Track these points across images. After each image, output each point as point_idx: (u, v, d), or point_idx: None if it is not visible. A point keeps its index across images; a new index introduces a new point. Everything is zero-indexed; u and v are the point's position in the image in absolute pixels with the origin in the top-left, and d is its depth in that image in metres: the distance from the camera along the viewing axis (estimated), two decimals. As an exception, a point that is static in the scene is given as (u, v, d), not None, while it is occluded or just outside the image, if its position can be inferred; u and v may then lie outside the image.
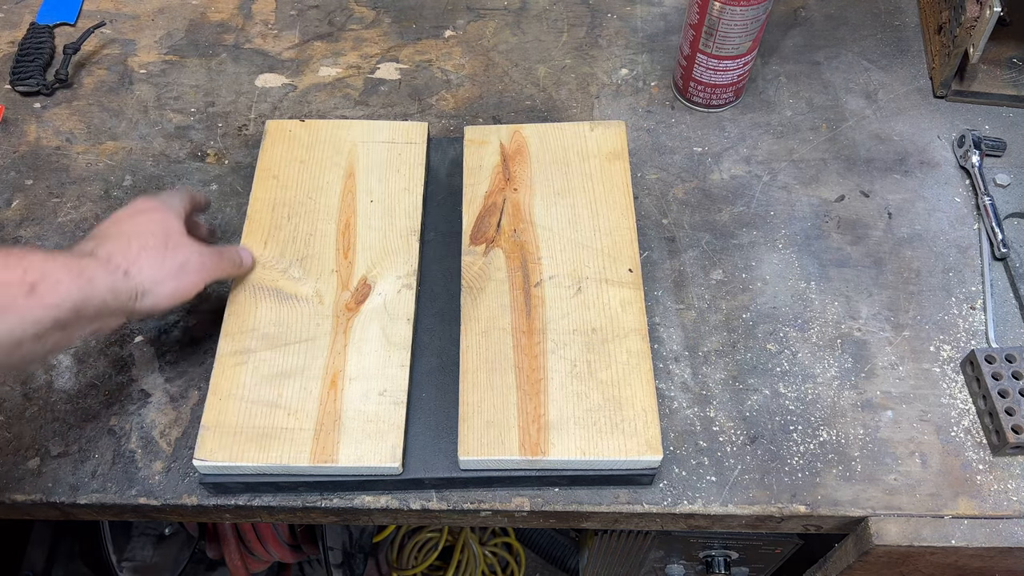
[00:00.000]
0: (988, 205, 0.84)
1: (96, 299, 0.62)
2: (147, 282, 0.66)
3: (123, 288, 0.64)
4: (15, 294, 0.58)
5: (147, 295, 0.66)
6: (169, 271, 0.67)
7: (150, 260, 0.66)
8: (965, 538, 0.68)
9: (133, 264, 0.65)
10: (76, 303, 0.61)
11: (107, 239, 0.66)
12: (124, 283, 0.64)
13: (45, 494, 0.70)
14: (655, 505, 0.70)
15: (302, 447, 0.67)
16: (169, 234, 0.69)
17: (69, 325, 0.61)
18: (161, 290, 0.66)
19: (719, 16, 0.83)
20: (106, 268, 0.64)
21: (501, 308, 0.73)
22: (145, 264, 0.66)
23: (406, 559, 1.45)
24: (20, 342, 0.58)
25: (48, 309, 0.59)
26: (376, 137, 0.84)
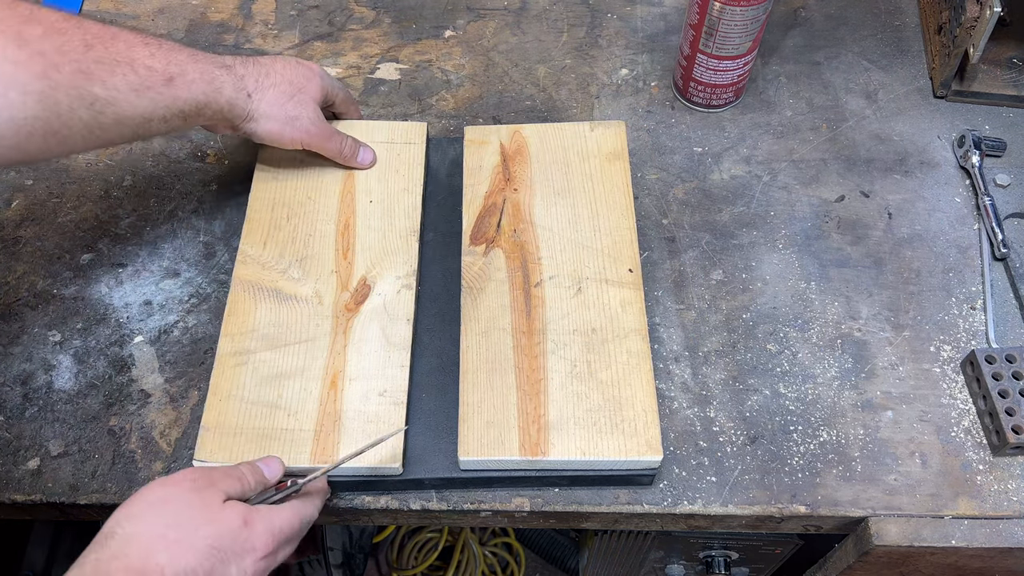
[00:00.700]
0: (988, 205, 0.84)
1: (217, 105, 0.72)
2: (260, 112, 0.75)
3: (241, 105, 0.73)
4: (156, 80, 0.67)
5: (254, 121, 0.75)
6: (282, 116, 0.76)
7: (273, 97, 0.75)
8: (965, 538, 0.68)
9: (257, 91, 0.74)
10: (200, 103, 0.70)
11: (252, 63, 0.75)
12: (244, 102, 0.74)
13: (45, 494, 0.70)
14: (655, 505, 0.70)
15: (302, 448, 0.67)
16: (302, 90, 0.77)
17: (190, 117, 0.71)
18: (266, 125, 0.75)
19: (719, 16, 0.83)
20: (235, 84, 0.73)
21: (501, 308, 0.73)
22: (267, 98, 0.75)
23: (406, 559, 1.45)
24: (150, 119, 0.68)
25: (178, 101, 0.69)
26: (375, 137, 0.84)
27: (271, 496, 0.61)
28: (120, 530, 0.54)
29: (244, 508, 0.57)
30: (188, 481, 0.57)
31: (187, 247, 0.83)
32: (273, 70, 0.76)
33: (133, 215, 0.85)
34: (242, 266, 0.76)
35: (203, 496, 0.56)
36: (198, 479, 0.57)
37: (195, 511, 0.55)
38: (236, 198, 0.86)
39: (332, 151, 0.80)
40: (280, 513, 0.59)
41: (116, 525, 0.54)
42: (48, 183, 0.87)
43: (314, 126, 0.78)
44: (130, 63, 0.66)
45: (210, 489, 0.57)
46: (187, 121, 0.71)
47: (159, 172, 0.88)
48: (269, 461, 0.63)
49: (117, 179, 0.88)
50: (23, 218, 0.85)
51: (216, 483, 0.57)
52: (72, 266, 0.82)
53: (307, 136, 0.78)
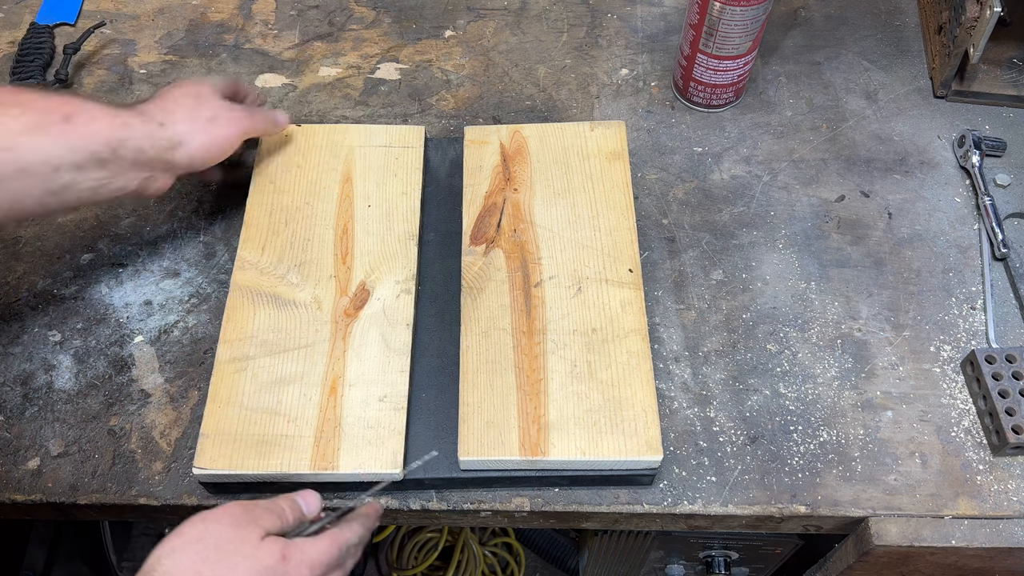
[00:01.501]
0: (988, 205, 0.84)
1: (132, 142, 0.67)
2: (181, 133, 0.71)
3: (159, 136, 0.69)
4: (52, 120, 0.64)
5: (182, 146, 0.71)
6: (201, 123, 0.72)
7: (183, 114, 0.72)
8: (965, 538, 0.68)
9: (167, 117, 0.71)
10: (111, 141, 0.66)
11: (143, 103, 0.72)
12: (159, 131, 0.69)
13: (45, 494, 0.70)
14: (655, 505, 0.70)
15: (302, 454, 0.67)
16: (200, 95, 0.74)
17: (108, 163, 0.66)
18: (195, 140, 0.71)
19: (719, 16, 0.83)
20: (141, 118, 0.69)
21: (501, 308, 0.73)
22: (178, 117, 0.71)
23: (406, 559, 1.45)
24: (58, 167, 0.64)
25: (83, 138, 0.65)
26: (373, 141, 0.84)
27: (307, 529, 0.61)
28: (160, 567, 0.54)
29: (282, 543, 0.57)
30: (229, 517, 0.57)
31: (187, 247, 0.83)
32: (166, 95, 0.73)
33: (133, 215, 0.85)
34: (240, 272, 0.76)
35: (242, 533, 0.56)
36: (238, 516, 0.57)
37: (233, 547, 0.55)
38: (236, 198, 0.86)
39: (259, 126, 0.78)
40: (317, 545, 0.59)
41: (156, 562, 0.55)
42: (48, 183, 0.87)
43: (234, 112, 0.75)
44: (20, 104, 0.64)
45: (250, 526, 0.57)
46: (107, 169, 0.67)
47: (159, 172, 0.88)
48: (307, 496, 0.63)
49: (117, 179, 0.88)
50: (23, 218, 0.85)
51: (256, 520, 0.58)
52: (72, 266, 0.82)
53: (235, 124, 0.75)
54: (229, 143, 0.74)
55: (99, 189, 0.67)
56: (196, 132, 0.72)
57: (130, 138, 0.68)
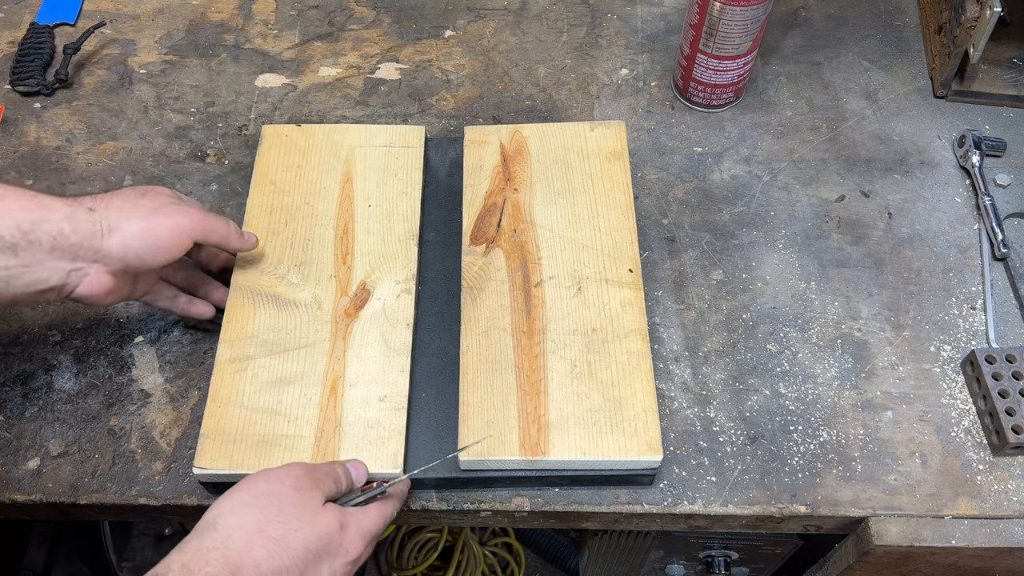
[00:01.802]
0: (988, 205, 0.84)
1: (49, 225, 0.60)
2: (114, 218, 0.63)
3: (83, 219, 0.62)
4: None
5: (115, 231, 0.63)
6: (141, 211, 0.64)
7: (120, 201, 0.64)
8: (965, 538, 0.68)
9: (100, 203, 0.63)
10: (22, 224, 0.59)
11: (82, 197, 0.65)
12: (86, 216, 0.62)
13: (45, 494, 0.70)
14: (655, 505, 0.70)
15: (303, 454, 0.67)
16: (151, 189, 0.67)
17: (18, 248, 0.59)
18: (131, 227, 0.63)
19: (719, 16, 0.83)
20: (67, 201, 0.62)
21: (501, 308, 0.73)
22: (114, 204, 0.64)
23: (406, 559, 1.45)
24: None
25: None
26: (373, 141, 0.84)
27: (357, 497, 0.62)
28: (223, 521, 0.55)
29: (340, 512, 0.58)
30: (292, 478, 0.57)
31: (187, 247, 0.83)
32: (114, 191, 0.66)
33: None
34: (240, 272, 0.76)
35: (304, 498, 0.57)
36: (301, 478, 0.58)
37: (296, 511, 0.56)
38: (236, 198, 0.86)
39: (219, 225, 0.69)
40: (369, 516, 0.60)
41: (219, 516, 0.55)
42: (48, 183, 0.87)
43: (186, 205, 0.67)
44: None
45: (312, 491, 0.57)
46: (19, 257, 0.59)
47: (159, 172, 0.88)
48: (356, 465, 0.64)
49: (117, 179, 0.88)
50: (23, 218, 0.85)
51: (318, 484, 0.58)
52: (72, 266, 0.82)
53: (186, 218, 0.65)
54: (174, 236, 0.65)
55: (12, 280, 0.60)
56: (132, 219, 0.63)
57: (46, 219, 0.60)
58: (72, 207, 0.62)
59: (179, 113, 0.93)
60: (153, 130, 0.92)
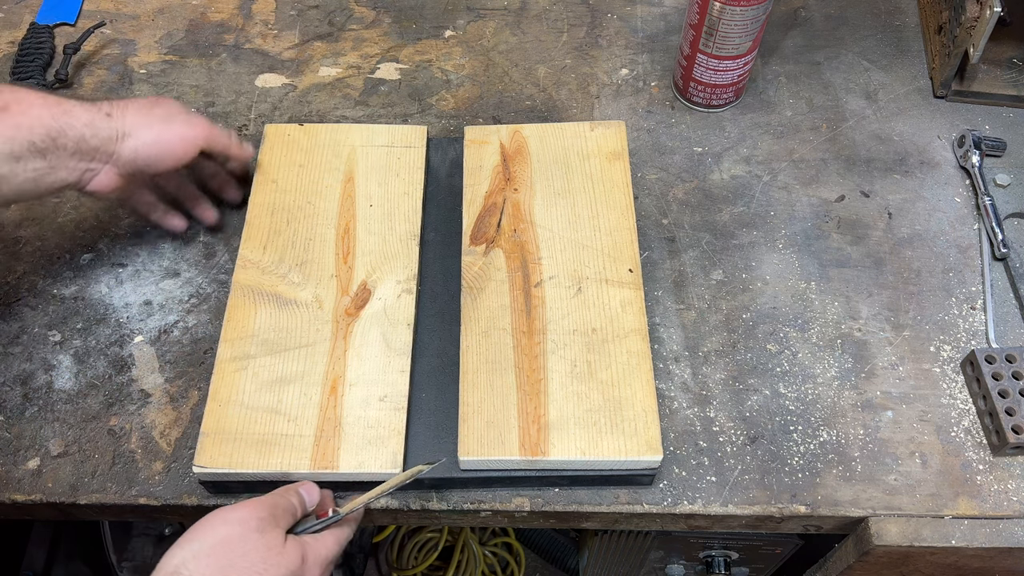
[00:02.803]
0: (988, 205, 0.84)
1: (72, 130, 0.65)
2: (129, 125, 0.68)
3: (103, 125, 0.67)
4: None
5: (129, 137, 0.68)
6: (153, 120, 0.69)
7: (135, 109, 0.70)
8: (965, 538, 0.68)
9: (117, 109, 0.69)
10: (50, 129, 0.64)
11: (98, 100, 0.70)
12: (104, 121, 0.67)
13: (45, 494, 0.70)
14: (655, 505, 0.70)
15: (302, 454, 0.67)
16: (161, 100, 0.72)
17: (48, 152, 0.65)
18: (144, 134, 0.69)
19: (719, 16, 0.83)
20: (86, 107, 0.67)
21: (501, 308, 0.73)
22: (130, 111, 0.69)
23: (406, 559, 1.45)
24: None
25: (20, 129, 0.63)
26: (375, 141, 0.84)
27: (314, 525, 0.62)
28: (185, 571, 0.54)
29: (301, 545, 0.59)
30: (255, 520, 0.57)
31: (187, 247, 0.83)
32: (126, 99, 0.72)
33: (133, 215, 0.85)
34: (241, 271, 0.76)
35: (268, 539, 0.57)
36: (264, 520, 0.57)
37: (261, 554, 0.56)
38: (236, 198, 0.86)
39: (223, 137, 0.76)
40: (326, 543, 0.61)
41: (181, 565, 0.54)
42: (48, 183, 0.87)
43: (194, 118, 0.73)
44: None
45: (275, 530, 0.58)
46: (47, 160, 0.65)
47: (159, 172, 0.88)
48: (309, 488, 0.63)
49: (117, 179, 0.88)
50: (23, 218, 0.85)
51: (278, 522, 0.58)
52: (72, 266, 0.82)
53: (192, 129, 0.72)
54: (183, 145, 0.71)
55: (39, 180, 0.66)
56: (147, 125, 0.70)
57: (70, 126, 0.66)
58: (92, 113, 0.67)
59: (179, 113, 0.93)
60: (153, 130, 0.91)
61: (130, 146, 0.69)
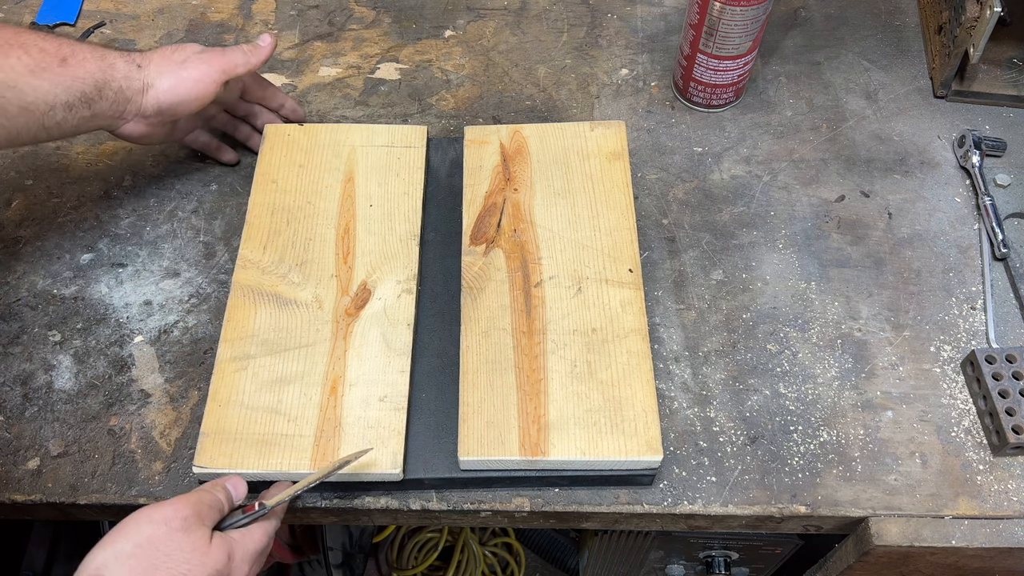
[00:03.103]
0: (988, 205, 0.84)
1: (115, 82, 0.72)
2: (152, 74, 0.74)
3: (135, 77, 0.73)
4: (51, 62, 0.69)
5: (151, 88, 0.74)
6: (171, 65, 0.75)
7: (159, 56, 0.75)
8: (965, 538, 0.68)
9: (145, 59, 0.75)
10: (98, 81, 0.71)
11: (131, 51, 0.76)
12: (136, 72, 0.73)
13: (45, 494, 0.70)
14: (655, 505, 0.70)
15: (302, 454, 0.67)
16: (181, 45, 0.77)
17: (93, 101, 0.71)
18: (162, 82, 0.74)
19: (719, 16, 0.83)
20: (124, 58, 0.73)
21: (501, 308, 0.73)
22: (154, 59, 0.75)
23: (406, 559, 1.45)
24: (53, 106, 0.69)
25: (76, 81, 0.70)
26: (375, 141, 0.84)
27: (240, 520, 0.62)
28: (108, 573, 0.53)
29: (227, 542, 0.58)
30: (180, 520, 0.56)
31: (187, 247, 0.83)
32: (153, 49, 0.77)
33: (133, 215, 0.85)
34: (241, 271, 0.76)
35: (193, 539, 0.56)
36: (189, 519, 0.57)
37: (186, 554, 0.55)
38: (236, 198, 0.86)
39: (237, 57, 0.78)
40: (253, 537, 0.61)
41: (103, 566, 0.54)
42: (48, 183, 0.87)
43: (205, 53, 0.77)
44: (22, 46, 0.68)
45: (200, 529, 0.57)
46: (91, 108, 0.71)
47: (159, 172, 0.88)
48: (236, 483, 0.64)
49: (117, 179, 0.88)
50: (23, 218, 0.85)
51: (204, 520, 0.58)
52: (72, 266, 0.82)
53: (207, 66, 0.76)
54: (201, 85, 0.75)
55: (80, 126, 0.72)
56: (164, 74, 0.74)
57: (113, 77, 0.72)
58: (128, 65, 0.73)
59: (179, 113, 0.93)
60: (153, 130, 0.91)
61: (152, 96, 0.74)
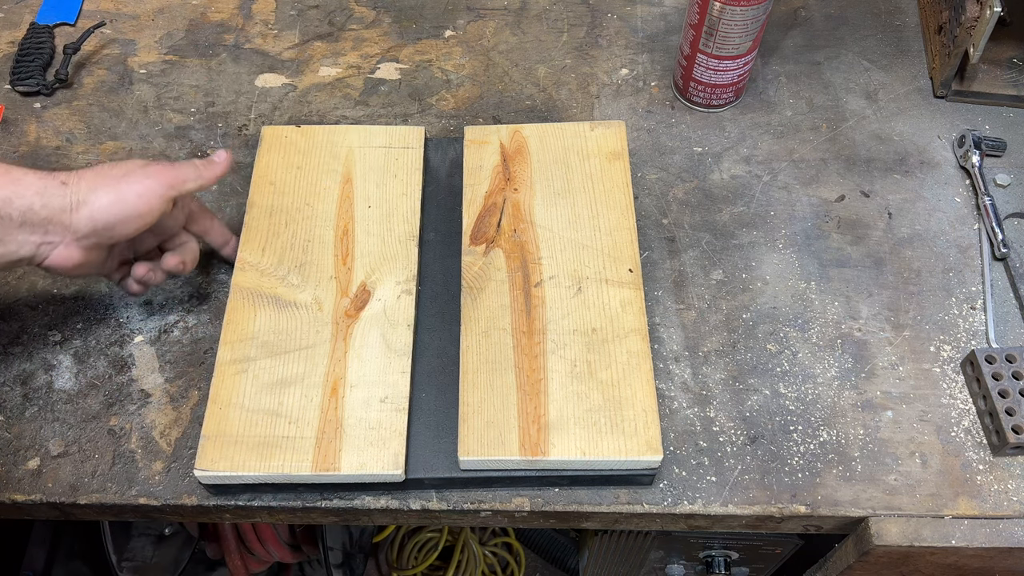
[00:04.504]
0: (988, 205, 0.84)
1: (22, 201, 0.61)
2: (84, 192, 0.64)
3: (55, 194, 0.63)
4: None
5: (84, 205, 0.64)
6: (109, 181, 0.65)
7: (92, 173, 0.65)
8: (965, 538, 0.68)
9: (73, 178, 0.65)
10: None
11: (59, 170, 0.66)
12: (58, 190, 0.63)
13: (45, 494, 0.70)
14: (655, 505, 0.70)
15: (304, 456, 0.67)
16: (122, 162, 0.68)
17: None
18: (99, 199, 0.64)
19: (719, 16, 0.83)
20: (39, 175, 0.63)
21: (501, 308, 0.73)
22: (86, 175, 0.65)
23: (406, 559, 1.45)
24: None
25: None
26: (373, 142, 0.84)
27: None
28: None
29: None
30: None
31: (187, 247, 0.83)
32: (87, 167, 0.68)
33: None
34: (240, 273, 0.76)
35: None
36: None
37: None
38: (236, 198, 0.86)
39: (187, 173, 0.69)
40: None
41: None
42: (48, 183, 0.87)
43: (151, 167, 0.67)
44: None
45: None
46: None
47: (159, 172, 0.88)
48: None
49: (117, 179, 0.88)
50: (23, 218, 0.85)
51: None
52: (72, 266, 0.82)
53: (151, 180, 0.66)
54: (144, 201, 0.65)
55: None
56: (100, 189, 0.64)
57: (19, 195, 0.61)
58: (45, 181, 0.63)
59: (179, 113, 0.93)
60: (153, 130, 0.92)
61: (85, 215, 0.64)
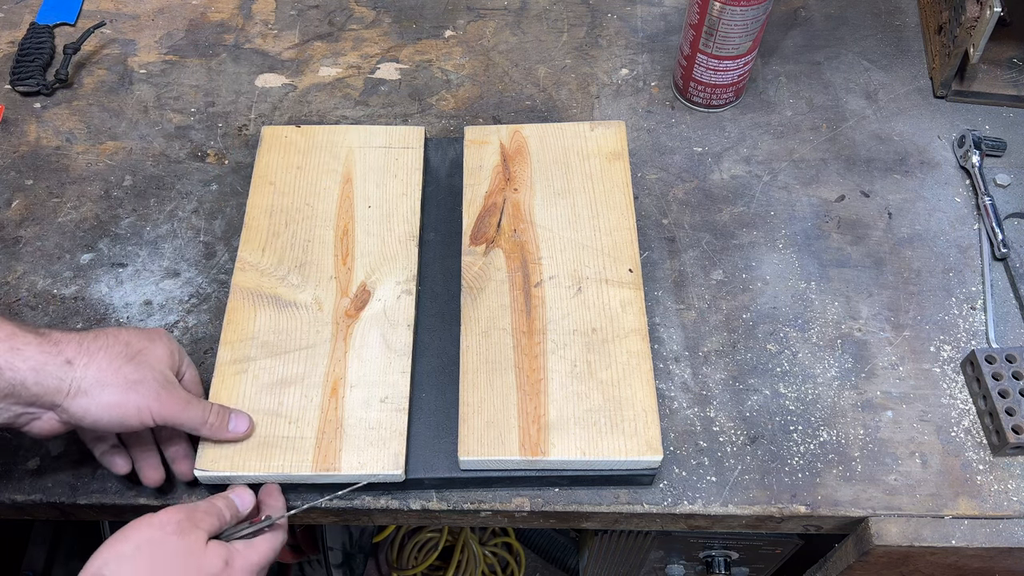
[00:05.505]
0: (988, 205, 0.84)
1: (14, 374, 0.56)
2: (90, 380, 0.58)
3: (54, 373, 0.57)
4: None
5: (83, 395, 0.58)
6: (120, 380, 0.59)
7: (105, 360, 0.59)
8: (965, 538, 0.68)
9: (81, 356, 0.58)
10: None
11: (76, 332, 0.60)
12: (59, 369, 0.57)
13: (45, 494, 0.70)
14: (655, 505, 0.70)
15: (304, 456, 0.67)
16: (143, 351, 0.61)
17: None
18: (103, 397, 0.58)
19: (719, 16, 0.83)
20: (42, 346, 0.57)
21: (501, 308, 0.73)
22: (97, 361, 0.59)
23: (406, 559, 1.45)
24: None
25: None
26: (373, 142, 0.84)
27: (244, 529, 0.62)
28: (108, 572, 0.54)
29: (225, 549, 0.58)
30: (173, 524, 0.57)
31: (187, 247, 0.83)
32: (104, 332, 0.61)
33: (133, 215, 0.85)
34: (241, 273, 0.76)
35: (188, 541, 0.57)
36: (182, 522, 0.57)
37: (182, 558, 0.56)
38: (236, 198, 0.86)
39: (194, 421, 0.63)
40: (258, 549, 0.61)
41: (104, 566, 0.55)
42: (48, 183, 0.87)
43: (165, 390, 0.61)
44: None
45: (194, 532, 0.57)
46: None
47: (159, 172, 0.88)
48: (241, 493, 0.64)
49: (117, 179, 0.88)
50: (23, 218, 0.85)
51: (199, 524, 0.58)
52: (72, 266, 0.82)
53: (158, 403, 0.60)
54: (139, 416, 0.60)
55: None
56: (108, 385, 0.59)
57: (12, 368, 0.56)
58: (46, 356, 0.57)
59: (179, 113, 0.93)
60: (153, 130, 0.92)
61: (81, 404, 0.58)
